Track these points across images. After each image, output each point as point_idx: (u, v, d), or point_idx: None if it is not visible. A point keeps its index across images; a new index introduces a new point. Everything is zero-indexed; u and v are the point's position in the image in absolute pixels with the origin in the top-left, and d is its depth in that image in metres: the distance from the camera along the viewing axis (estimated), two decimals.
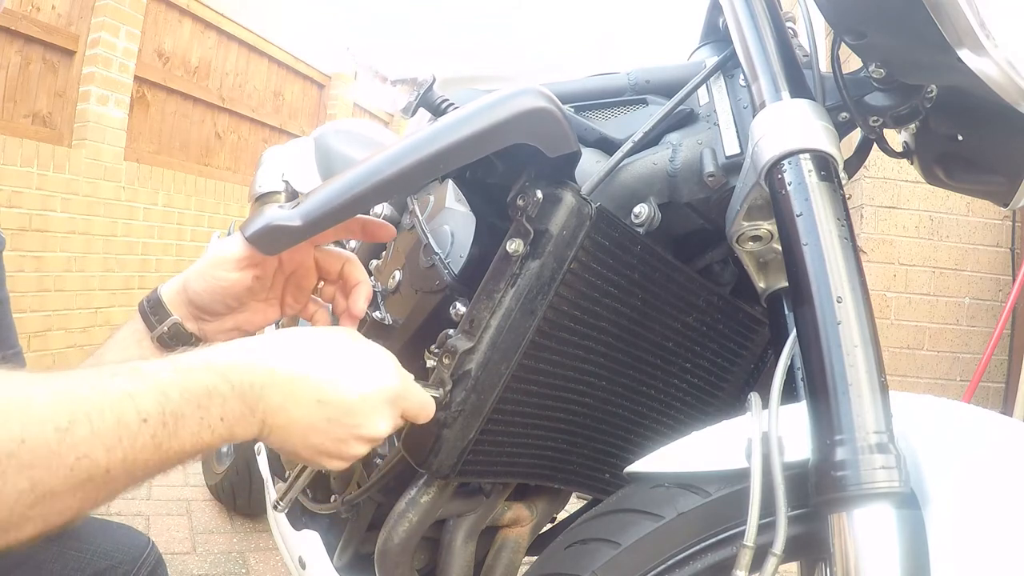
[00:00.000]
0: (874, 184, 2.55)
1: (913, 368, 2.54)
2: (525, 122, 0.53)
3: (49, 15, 3.13)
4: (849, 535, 0.41)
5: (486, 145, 0.53)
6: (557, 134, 0.55)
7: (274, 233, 0.52)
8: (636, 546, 0.49)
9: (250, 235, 0.52)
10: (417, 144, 0.52)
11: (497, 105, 0.53)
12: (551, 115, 0.54)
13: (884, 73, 0.57)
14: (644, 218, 0.62)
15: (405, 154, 0.52)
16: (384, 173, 0.52)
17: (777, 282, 0.59)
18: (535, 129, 0.54)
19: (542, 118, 0.54)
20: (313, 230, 0.52)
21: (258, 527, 1.84)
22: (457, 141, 0.52)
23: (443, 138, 0.52)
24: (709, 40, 0.75)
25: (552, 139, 0.55)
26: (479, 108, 0.54)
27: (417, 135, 0.53)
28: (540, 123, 0.54)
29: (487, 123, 0.52)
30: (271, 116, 4.82)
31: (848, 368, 0.43)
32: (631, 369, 0.68)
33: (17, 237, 2.92)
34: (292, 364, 0.46)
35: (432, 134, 0.52)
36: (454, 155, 0.52)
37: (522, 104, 0.53)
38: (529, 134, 0.54)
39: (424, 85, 0.61)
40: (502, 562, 0.78)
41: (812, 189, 0.48)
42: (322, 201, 0.53)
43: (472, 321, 0.59)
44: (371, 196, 0.52)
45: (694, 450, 0.51)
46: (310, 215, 0.52)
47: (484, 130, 0.52)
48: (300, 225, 0.52)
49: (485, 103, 0.54)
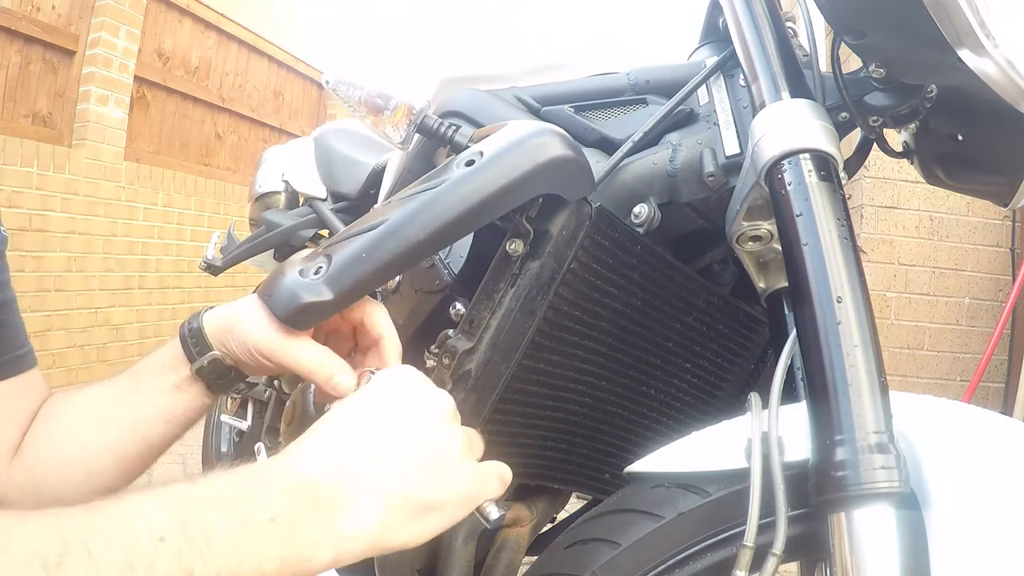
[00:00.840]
0: (874, 184, 2.55)
1: (913, 368, 2.54)
2: (550, 173, 0.52)
3: (49, 15, 3.13)
4: (849, 535, 0.41)
5: (512, 201, 0.52)
6: (580, 181, 0.55)
7: (306, 310, 0.48)
8: (636, 546, 0.49)
9: (282, 315, 0.48)
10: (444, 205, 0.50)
11: (519, 154, 0.52)
12: (575, 163, 0.54)
13: (884, 73, 0.57)
14: (644, 218, 0.62)
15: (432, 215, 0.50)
16: (415, 237, 0.50)
17: (777, 282, 0.59)
18: (560, 179, 0.53)
19: (567, 167, 0.53)
20: (346, 303, 0.50)
21: None
22: (483, 200, 0.50)
23: (467, 199, 0.50)
24: (709, 40, 0.75)
25: (575, 186, 0.55)
26: (498, 157, 0.52)
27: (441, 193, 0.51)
28: (565, 172, 0.53)
29: (509, 178, 0.51)
30: (271, 116, 4.83)
31: (848, 368, 0.43)
32: (631, 369, 0.68)
33: (17, 237, 2.92)
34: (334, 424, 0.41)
35: (456, 194, 0.51)
36: (481, 214, 0.51)
37: (545, 153, 0.52)
38: (554, 184, 0.53)
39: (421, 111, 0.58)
40: (502, 562, 0.78)
41: (812, 189, 0.48)
42: (353, 271, 0.49)
43: (472, 321, 0.59)
44: (403, 262, 0.50)
45: (694, 450, 0.51)
46: (341, 287, 0.49)
47: (507, 186, 0.51)
48: (332, 299, 0.49)
49: (503, 149, 0.52)
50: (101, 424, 0.54)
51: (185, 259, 3.92)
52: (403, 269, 0.52)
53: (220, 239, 1.76)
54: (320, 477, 0.37)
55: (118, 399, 0.54)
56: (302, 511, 0.35)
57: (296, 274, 0.50)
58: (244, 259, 1.65)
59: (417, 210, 0.50)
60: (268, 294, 0.50)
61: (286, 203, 1.63)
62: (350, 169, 1.37)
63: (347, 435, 0.40)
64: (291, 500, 0.35)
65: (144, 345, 3.63)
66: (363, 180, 1.29)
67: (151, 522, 0.30)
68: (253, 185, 1.71)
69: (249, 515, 0.33)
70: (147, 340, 3.66)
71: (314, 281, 0.49)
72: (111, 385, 0.55)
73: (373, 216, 0.53)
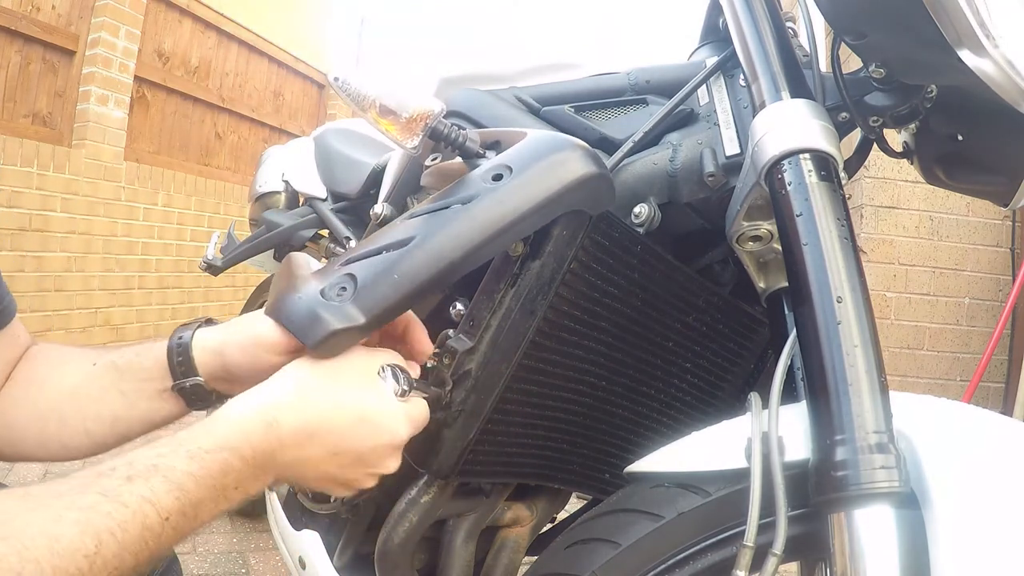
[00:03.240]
0: (874, 184, 2.54)
1: (913, 368, 2.54)
2: (580, 190, 0.52)
3: (49, 15, 3.13)
4: (849, 535, 0.41)
5: (543, 218, 0.52)
6: (605, 195, 0.55)
7: (336, 337, 0.46)
8: (636, 546, 0.49)
9: (311, 343, 0.47)
10: (478, 222, 0.49)
11: (549, 172, 0.51)
12: (603, 179, 0.53)
13: (884, 73, 0.57)
14: (644, 218, 0.62)
15: (469, 234, 0.49)
16: (451, 256, 0.48)
17: (777, 282, 0.59)
18: (588, 195, 0.53)
19: (595, 184, 0.53)
20: (376, 326, 0.48)
21: (258, 527, 1.84)
22: (516, 218, 0.50)
23: (502, 216, 0.49)
24: (709, 40, 0.75)
25: (600, 201, 0.55)
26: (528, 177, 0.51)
27: (473, 209, 0.50)
28: (593, 189, 0.53)
29: (545, 196, 0.50)
30: (271, 116, 4.82)
31: (848, 368, 0.43)
32: (631, 369, 0.68)
33: (17, 237, 2.92)
34: (304, 422, 0.46)
35: (490, 212, 0.49)
36: (514, 232, 0.50)
37: (577, 170, 0.52)
38: (582, 201, 0.53)
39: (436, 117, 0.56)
40: (502, 562, 0.78)
41: (812, 189, 0.48)
42: (384, 291, 0.48)
43: (472, 321, 0.59)
44: (437, 282, 0.49)
45: (694, 450, 0.51)
46: (373, 310, 0.47)
47: (542, 203, 0.50)
48: (363, 324, 0.47)
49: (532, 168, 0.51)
50: (82, 412, 0.54)
51: (185, 259, 3.92)
52: (436, 290, 0.50)
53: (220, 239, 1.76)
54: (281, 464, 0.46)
55: (101, 393, 0.55)
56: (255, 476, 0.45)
57: (317, 294, 0.47)
58: (244, 259, 1.65)
59: (450, 227, 0.49)
60: (288, 318, 0.48)
61: (286, 203, 1.63)
62: (350, 169, 1.37)
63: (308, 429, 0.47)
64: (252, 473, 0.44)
65: None
66: (363, 180, 1.29)
67: (159, 507, 0.39)
68: (253, 185, 1.71)
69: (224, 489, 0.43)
70: None
71: (341, 304, 0.46)
72: (96, 374, 0.56)
73: (394, 231, 0.51)
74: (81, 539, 0.36)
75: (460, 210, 0.50)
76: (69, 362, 0.57)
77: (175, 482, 0.40)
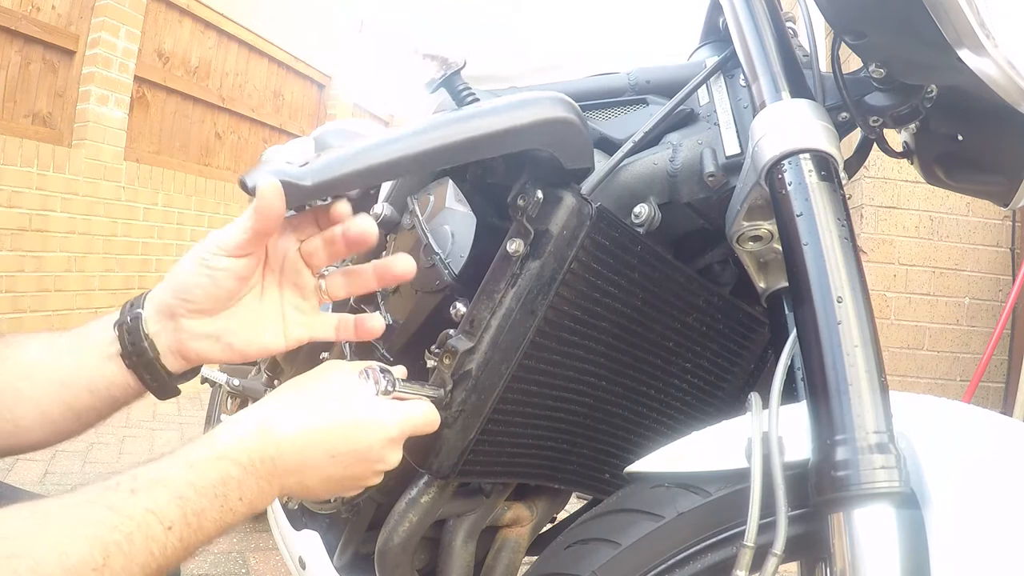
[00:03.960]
0: (874, 184, 2.55)
1: (913, 368, 2.54)
2: (550, 129, 0.54)
3: (49, 15, 3.13)
4: (849, 535, 0.41)
5: (508, 143, 0.53)
6: (578, 147, 0.56)
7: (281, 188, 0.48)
8: (636, 546, 0.49)
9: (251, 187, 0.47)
10: (440, 128, 0.52)
11: (524, 106, 0.53)
12: (575, 128, 0.55)
13: (884, 73, 0.57)
14: (644, 218, 0.62)
15: (427, 135, 0.51)
16: (403, 151, 0.51)
17: (777, 282, 0.59)
18: (558, 138, 0.54)
19: (567, 129, 0.54)
20: (321, 193, 0.50)
21: (258, 527, 1.84)
22: (480, 135, 0.52)
23: (467, 128, 0.52)
24: (709, 40, 0.75)
25: (572, 151, 0.55)
26: (506, 105, 0.53)
27: (441, 120, 0.53)
28: (564, 133, 0.54)
29: (513, 123, 0.52)
30: (271, 116, 4.82)
31: (848, 368, 0.43)
32: (631, 369, 0.68)
33: (17, 237, 2.92)
34: (298, 428, 0.47)
35: (457, 121, 0.52)
36: (475, 147, 0.52)
37: (549, 111, 0.54)
38: (552, 142, 0.54)
39: (454, 67, 0.59)
40: (502, 562, 0.78)
41: (812, 189, 0.48)
42: (335, 165, 0.50)
43: (473, 321, 0.59)
44: (385, 171, 0.51)
45: (694, 450, 0.51)
46: (321, 177, 0.49)
47: (509, 129, 0.52)
48: (309, 186, 0.49)
49: (512, 101, 0.54)
50: (34, 382, 0.53)
51: None
52: (382, 179, 0.53)
53: None
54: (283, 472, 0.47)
55: (54, 359, 0.53)
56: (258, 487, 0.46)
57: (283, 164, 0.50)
58: None
59: (412, 131, 0.52)
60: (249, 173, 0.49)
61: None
62: None
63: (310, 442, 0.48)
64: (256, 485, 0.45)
65: None
66: None
67: (162, 517, 0.40)
68: None
69: (227, 499, 0.43)
70: None
71: (297, 169, 0.50)
72: (51, 341, 0.54)
73: None
74: (90, 553, 0.37)
75: (429, 119, 0.53)
76: (33, 340, 0.55)
77: (176, 492, 0.41)
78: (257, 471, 0.45)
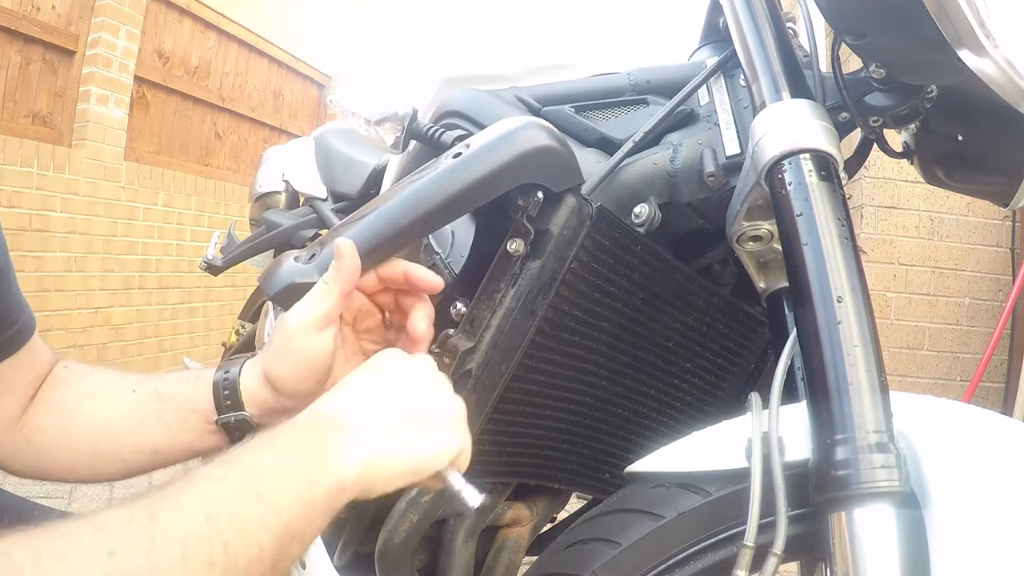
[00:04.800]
0: (874, 184, 2.54)
1: (913, 368, 2.54)
2: (532, 162, 0.54)
3: (49, 15, 3.13)
4: (849, 535, 0.41)
5: (494, 189, 0.53)
6: (563, 169, 0.55)
7: (295, 291, 0.51)
8: (636, 546, 0.49)
9: (271, 294, 0.52)
10: (425, 193, 0.52)
11: (501, 145, 0.53)
12: (556, 153, 0.55)
13: (884, 73, 0.57)
14: (644, 218, 0.62)
15: (415, 204, 0.52)
16: (400, 223, 0.52)
17: (777, 282, 0.59)
18: (542, 169, 0.54)
19: (548, 157, 0.54)
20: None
21: None
22: (462, 189, 0.52)
23: (447, 187, 0.52)
24: (709, 40, 0.75)
25: (559, 175, 0.55)
26: (482, 149, 0.53)
27: (423, 182, 0.53)
28: (546, 162, 0.54)
29: (492, 167, 0.52)
30: (271, 116, 4.82)
31: (848, 368, 0.43)
32: (631, 369, 0.68)
33: (17, 237, 2.92)
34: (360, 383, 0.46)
35: (437, 182, 0.52)
36: (461, 203, 0.52)
37: (527, 143, 0.53)
38: (536, 174, 0.54)
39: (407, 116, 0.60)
40: (502, 562, 0.78)
41: (812, 189, 0.48)
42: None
43: (473, 321, 0.59)
44: (389, 247, 0.52)
45: (694, 450, 0.51)
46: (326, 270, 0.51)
47: (490, 174, 0.52)
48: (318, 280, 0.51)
49: (483, 145, 0.53)
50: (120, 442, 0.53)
51: (185, 259, 3.92)
52: (390, 254, 0.53)
53: (220, 239, 1.76)
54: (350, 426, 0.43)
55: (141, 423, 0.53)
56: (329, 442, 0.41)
57: (292, 260, 0.54)
58: (244, 259, 1.65)
59: (403, 198, 0.53)
60: (267, 282, 0.53)
61: (286, 203, 1.63)
62: (350, 169, 1.37)
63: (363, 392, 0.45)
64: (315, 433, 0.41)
65: (144, 345, 3.63)
66: (363, 180, 1.29)
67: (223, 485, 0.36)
68: (253, 185, 1.71)
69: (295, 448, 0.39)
70: (147, 340, 3.66)
71: (306, 267, 0.52)
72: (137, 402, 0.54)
73: (366, 207, 0.55)
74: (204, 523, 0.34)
75: (415, 184, 0.53)
76: (106, 389, 0.55)
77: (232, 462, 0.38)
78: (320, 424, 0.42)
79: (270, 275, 0.54)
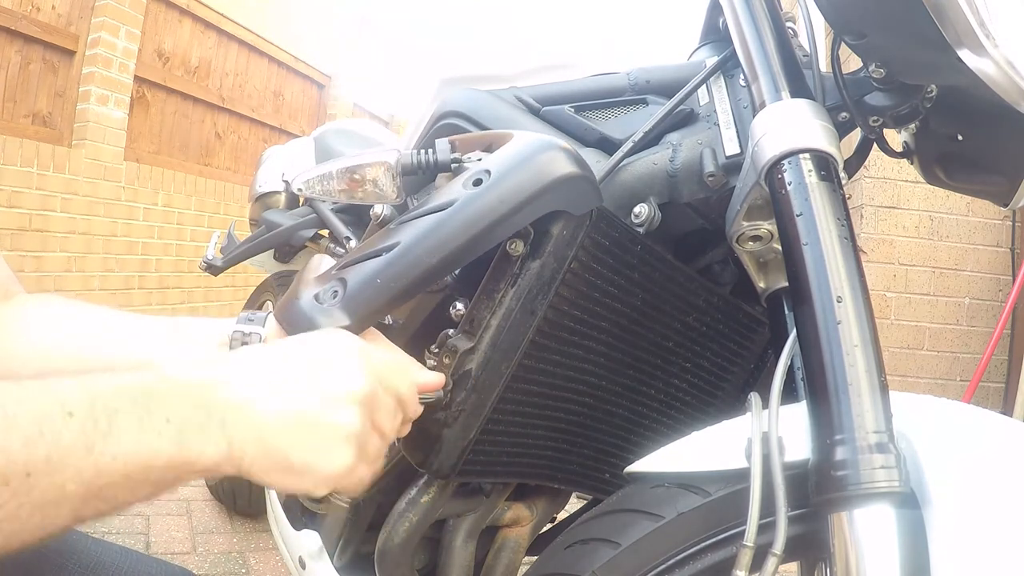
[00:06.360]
0: (874, 184, 2.55)
1: (913, 368, 2.54)
2: (559, 191, 0.53)
3: (49, 15, 3.13)
4: (849, 535, 0.41)
5: (522, 220, 0.52)
6: (587, 196, 0.55)
7: None
8: (636, 546, 0.49)
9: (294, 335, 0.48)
10: (454, 227, 0.50)
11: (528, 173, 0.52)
12: (583, 180, 0.54)
13: (884, 73, 0.57)
14: (644, 218, 0.62)
15: (445, 239, 0.50)
16: (428, 261, 0.50)
17: (777, 282, 0.59)
18: (568, 196, 0.53)
19: (575, 184, 0.53)
20: (362, 327, 0.50)
21: (258, 527, 1.84)
22: (493, 221, 0.50)
23: (478, 221, 0.50)
24: (709, 40, 0.75)
25: (582, 202, 0.55)
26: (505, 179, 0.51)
27: (451, 215, 0.51)
28: (573, 190, 0.53)
29: (521, 198, 0.51)
30: (271, 116, 4.82)
31: (848, 368, 0.43)
32: (631, 369, 0.68)
33: (17, 237, 2.92)
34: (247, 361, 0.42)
35: (466, 216, 0.51)
36: (492, 235, 0.51)
37: (554, 171, 0.52)
38: (562, 201, 0.53)
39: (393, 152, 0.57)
40: (502, 562, 0.78)
41: (812, 189, 0.48)
42: (368, 295, 0.50)
43: (472, 321, 0.59)
44: (417, 286, 0.51)
45: (694, 450, 0.51)
46: (357, 312, 0.50)
47: (519, 205, 0.51)
48: (348, 325, 0.49)
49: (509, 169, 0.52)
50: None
51: (185, 259, 3.92)
52: (417, 293, 0.52)
53: (220, 239, 1.76)
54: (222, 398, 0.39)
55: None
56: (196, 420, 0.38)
57: (312, 299, 0.50)
58: (244, 259, 1.65)
59: (428, 233, 0.51)
60: (287, 319, 0.50)
61: (286, 203, 1.63)
62: None
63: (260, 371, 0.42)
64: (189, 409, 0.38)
65: None
66: None
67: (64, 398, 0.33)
68: (253, 185, 1.71)
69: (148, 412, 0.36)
70: None
71: (330, 307, 0.49)
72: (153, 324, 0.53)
73: (384, 237, 0.53)
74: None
75: (440, 216, 0.51)
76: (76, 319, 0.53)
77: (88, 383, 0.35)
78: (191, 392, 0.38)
79: (289, 313, 0.50)
